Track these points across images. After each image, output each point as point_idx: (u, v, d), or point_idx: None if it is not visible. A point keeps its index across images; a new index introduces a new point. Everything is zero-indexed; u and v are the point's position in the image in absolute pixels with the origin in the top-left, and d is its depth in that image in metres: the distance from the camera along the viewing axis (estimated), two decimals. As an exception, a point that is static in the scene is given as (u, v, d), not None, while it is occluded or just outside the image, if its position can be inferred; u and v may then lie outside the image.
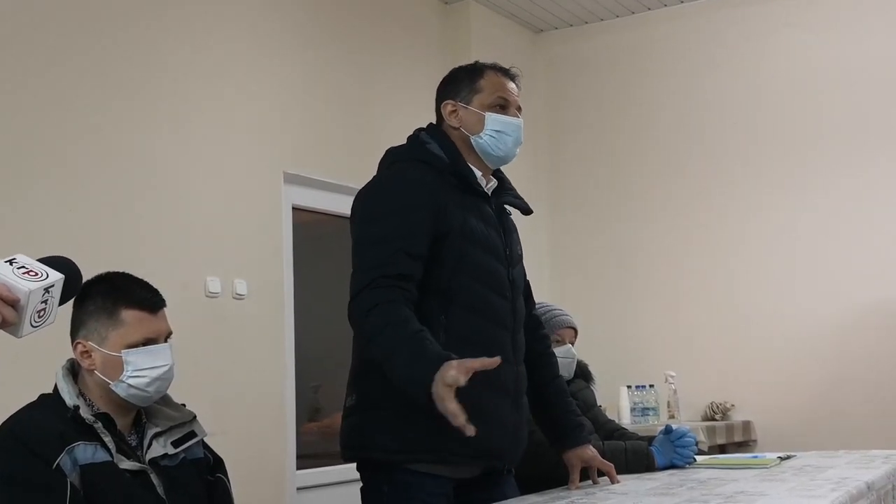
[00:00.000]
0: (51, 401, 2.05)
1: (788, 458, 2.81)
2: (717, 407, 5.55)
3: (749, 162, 5.74)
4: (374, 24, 5.15)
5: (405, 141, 2.49)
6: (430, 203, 2.26)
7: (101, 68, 3.70)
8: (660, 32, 6.07)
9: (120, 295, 2.09)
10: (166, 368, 2.08)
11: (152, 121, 3.87)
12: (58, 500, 1.87)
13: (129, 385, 2.05)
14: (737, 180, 5.76)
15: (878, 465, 2.53)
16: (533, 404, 2.51)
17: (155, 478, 2.06)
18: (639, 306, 5.94)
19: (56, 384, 2.07)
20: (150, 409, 2.15)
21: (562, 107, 6.32)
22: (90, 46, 3.68)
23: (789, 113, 5.65)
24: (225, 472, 2.27)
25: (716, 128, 5.85)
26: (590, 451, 2.51)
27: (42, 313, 1.45)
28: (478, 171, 2.41)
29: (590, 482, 2.51)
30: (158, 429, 2.12)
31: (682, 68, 5.99)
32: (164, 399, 2.18)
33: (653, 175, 6.00)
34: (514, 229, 2.54)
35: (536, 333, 2.60)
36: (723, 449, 5.24)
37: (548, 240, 6.26)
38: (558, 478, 2.51)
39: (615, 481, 2.47)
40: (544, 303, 3.25)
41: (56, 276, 1.46)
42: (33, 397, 2.09)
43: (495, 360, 2.08)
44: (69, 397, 2.03)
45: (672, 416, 5.43)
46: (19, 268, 1.44)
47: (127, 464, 2.01)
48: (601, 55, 6.23)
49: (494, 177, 2.50)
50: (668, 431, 2.84)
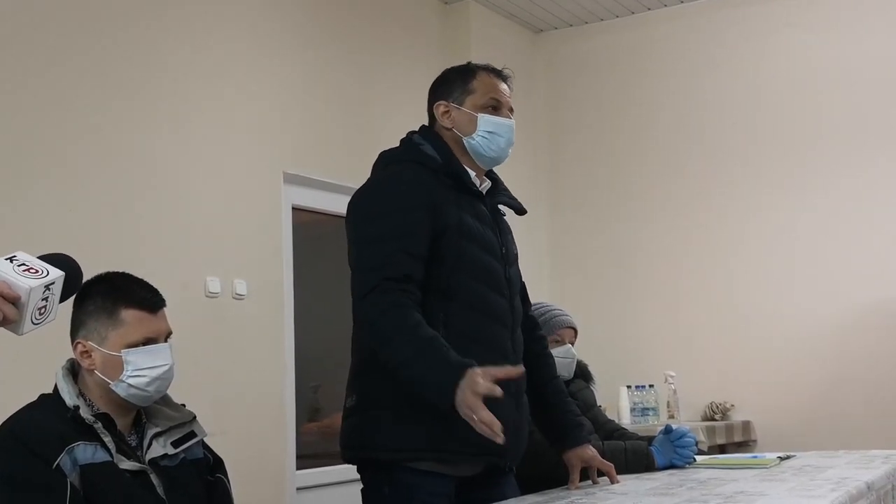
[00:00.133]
0: (51, 401, 2.05)
1: (788, 458, 2.81)
2: (717, 407, 5.55)
3: (749, 162, 5.74)
4: (374, 24, 5.15)
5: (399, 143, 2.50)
6: (427, 202, 2.27)
7: (101, 68, 3.71)
8: (660, 32, 6.07)
9: (120, 295, 2.09)
10: (166, 368, 2.08)
11: (152, 121, 3.87)
12: (58, 500, 1.87)
13: (129, 385, 2.05)
14: (736, 180, 5.76)
15: (878, 465, 2.53)
16: (532, 405, 2.51)
17: (155, 478, 2.06)
18: (638, 306, 5.94)
19: (56, 384, 2.07)
20: (149, 410, 2.15)
21: (561, 107, 6.32)
22: (90, 46, 3.68)
23: (789, 113, 5.65)
24: (225, 472, 2.27)
25: (715, 128, 5.85)
26: (589, 451, 2.52)
27: (43, 311, 1.45)
28: (471, 172, 2.42)
29: (590, 482, 2.51)
30: (158, 429, 2.12)
31: (681, 68, 5.99)
32: (164, 399, 2.18)
33: (652, 175, 6.00)
34: (508, 230, 2.55)
35: (533, 334, 2.60)
36: (722, 449, 5.24)
37: (547, 240, 6.26)
38: (558, 478, 2.51)
39: (615, 481, 2.47)
40: (544, 303, 3.24)
41: (57, 274, 1.46)
42: (33, 397, 2.09)
43: (519, 370, 2.18)
44: (69, 397, 2.02)
45: (672, 416, 5.42)
46: (20, 265, 1.44)
47: (127, 464, 2.01)
48: (601, 55, 6.23)
49: (488, 177, 2.51)
50: (667, 431, 2.84)
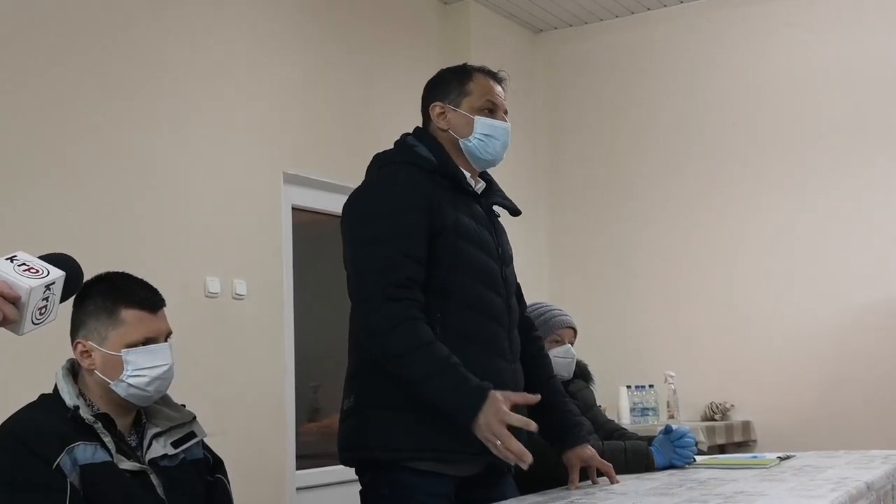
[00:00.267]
0: (51, 401, 2.05)
1: (788, 458, 2.81)
2: (717, 407, 5.55)
3: (749, 162, 5.74)
4: (373, 24, 5.15)
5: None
6: (423, 203, 2.27)
7: (101, 68, 3.71)
8: (659, 32, 6.07)
9: (120, 294, 2.09)
10: (166, 368, 2.08)
11: (152, 121, 3.87)
12: (58, 501, 1.87)
13: (129, 384, 2.05)
14: (736, 180, 5.76)
15: (878, 466, 2.53)
16: (530, 406, 2.51)
17: (155, 478, 2.06)
18: (638, 306, 5.94)
19: (56, 384, 2.07)
20: (149, 410, 2.15)
21: (561, 107, 6.32)
22: (90, 46, 3.68)
23: (789, 113, 5.65)
24: (225, 472, 2.27)
25: (715, 128, 5.85)
26: (588, 451, 2.51)
27: (43, 311, 1.45)
28: (466, 173, 2.43)
29: (589, 482, 2.51)
30: (158, 429, 2.12)
31: (681, 68, 5.99)
32: (164, 399, 2.18)
33: (652, 175, 6.00)
34: (503, 230, 2.55)
35: (529, 335, 2.60)
36: (722, 449, 5.24)
37: (547, 240, 6.26)
38: (558, 478, 2.51)
39: (614, 481, 2.47)
40: (543, 303, 3.24)
41: (57, 274, 1.46)
42: (33, 397, 2.09)
43: (535, 398, 2.25)
44: (69, 397, 2.02)
45: (672, 417, 5.42)
46: (20, 265, 1.44)
47: (127, 464, 2.01)
48: (601, 55, 6.23)
49: (481, 178, 2.52)
50: (667, 431, 2.84)
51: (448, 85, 2.45)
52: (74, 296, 1.79)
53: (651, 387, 5.46)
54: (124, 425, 2.09)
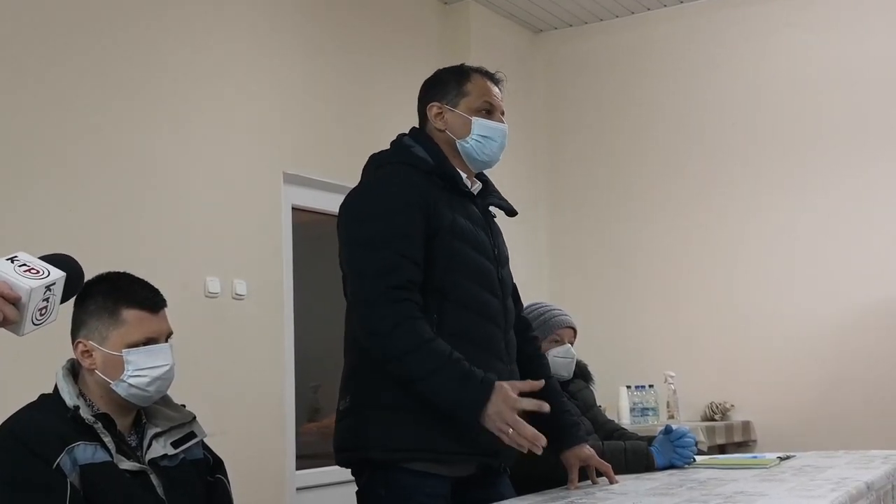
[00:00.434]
0: (51, 401, 2.05)
1: (788, 458, 2.81)
2: (717, 407, 5.55)
3: (749, 162, 5.74)
4: (373, 25, 5.15)
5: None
6: (421, 203, 2.27)
7: (101, 68, 3.71)
8: (659, 33, 6.07)
9: (121, 294, 2.09)
10: (167, 368, 2.08)
11: (152, 121, 3.87)
12: (58, 501, 1.87)
13: (129, 384, 2.05)
14: (736, 180, 5.76)
15: (878, 466, 2.53)
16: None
17: (154, 478, 2.06)
18: (638, 306, 5.94)
19: (56, 384, 2.07)
20: (149, 410, 2.15)
21: (561, 107, 6.32)
22: (90, 46, 3.68)
23: (789, 113, 5.66)
24: (225, 472, 2.27)
25: (715, 128, 5.85)
26: (587, 451, 2.51)
27: (44, 311, 1.45)
28: (463, 173, 2.43)
29: (589, 482, 2.51)
30: (158, 429, 2.12)
31: (681, 68, 5.99)
32: (164, 399, 2.18)
33: (652, 175, 6.00)
34: (499, 231, 2.55)
35: (526, 335, 2.60)
36: (722, 449, 5.24)
37: (547, 240, 6.26)
38: (558, 478, 2.51)
39: (613, 481, 2.47)
40: (543, 303, 3.24)
41: (58, 274, 1.46)
42: (33, 397, 2.09)
43: (540, 384, 2.25)
44: (69, 397, 2.02)
45: (672, 417, 5.43)
46: (21, 265, 1.44)
47: (127, 464, 2.01)
48: (601, 55, 6.23)
49: (478, 179, 2.52)
50: (667, 431, 2.84)
51: (446, 85, 2.45)
52: (75, 296, 1.79)
53: (651, 387, 5.46)
54: (124, 425, 2.09)
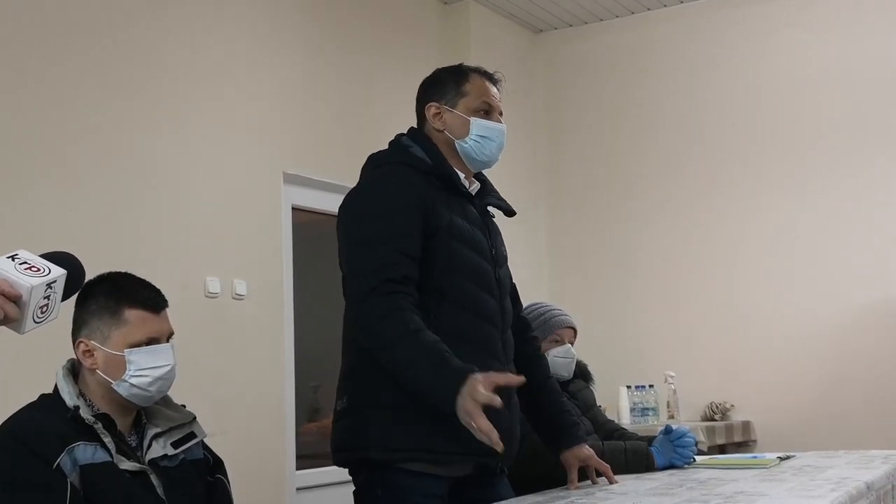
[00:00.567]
0: (51, 401, 2.05)
1: (788, 458, 2.81)
2: (717, 407, 5.55)
3: (749, 162, 5.74)
4: (373, 25, 5.15)
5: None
6: (419, 203, 2.28)
7: (101, 68, 3.71)
8: (659, 32, 6.07)
9: (123, 294, 2.09)
10: (168, 368, 2.08)
11: (152, 121, 3.87)
12: (58, 501, 1.87)
13: (131, 384, 2.05)
14: (736, 180, 5.76)
15: (878, 466, 2.53)
16: (527, 406, 2.50)
17: (155, 478, 2.06)
18: (638, 306, 5.94)
19: (56, 384, 2.07)
20: (149, 410, 2.15)
21: (561, 107, 6.32)
22: (90, 46, 3.68)
23: (789, 113, 5.66)
24: (225, 473, 2.27)
25: (716, 128, 5.85)
26: (586, 451, 2.51)
27: (44, 309, 1.45)
28: (461, 173, 2.43)
29: (588, 482, 2.51)
30: (158, 429, 2.12)
31: (682, 68, 5.99)
32: (164, 400, 2.18)
33: (653, 175, 6.00)
34: (497, 231, 2.55)
35: (525, 335, 2.60)
36: (722, 449, 5.24)
37: (547, 240, 6.26)
38: (557, 478, 2.51)
39: (612, 481, 2.47)
40: (543, 302, 3.24)
41: (58, 272, 1.46)
42: (33, 397, 2.09)
43: (520, 379, 2.21)
44: (69, 397, 2.02)
45: (672, 417, 5.43)
46: (21, 263, 1.44)
47: (127, 464, 2.01)
48: (601, 55, 6.23)
49: (476, 179, 2.52)
50: (667, 431, 2.84)
51: (444, 85, 2.45)
52: (76, 294, 1.79)
53: (651, 387, 5.46)
54: (124, 425, 2.09)
